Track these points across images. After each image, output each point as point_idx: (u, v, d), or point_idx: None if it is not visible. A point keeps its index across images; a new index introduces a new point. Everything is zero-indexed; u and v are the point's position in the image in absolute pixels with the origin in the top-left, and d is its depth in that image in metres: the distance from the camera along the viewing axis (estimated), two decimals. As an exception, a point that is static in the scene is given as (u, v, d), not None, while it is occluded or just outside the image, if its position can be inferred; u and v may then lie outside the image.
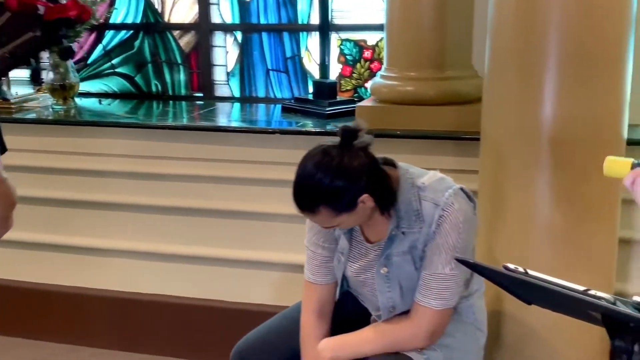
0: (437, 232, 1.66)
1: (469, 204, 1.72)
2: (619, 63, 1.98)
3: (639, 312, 1.12)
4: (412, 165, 1.78)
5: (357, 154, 1.63)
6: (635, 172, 1.39)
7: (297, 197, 1.67)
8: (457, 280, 1.70)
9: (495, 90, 2.09)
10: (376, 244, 1.76)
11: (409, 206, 1.68)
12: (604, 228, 2.06)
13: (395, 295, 1.74)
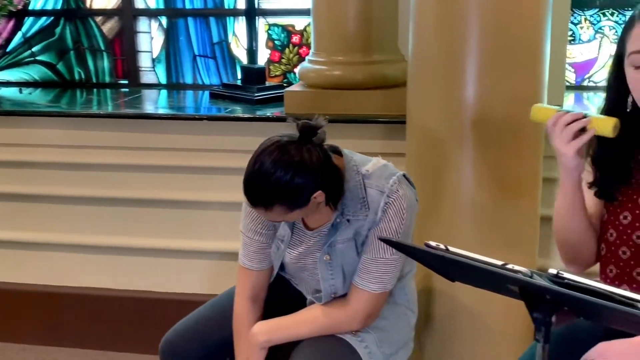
0: (382, 219, 1.67)
1: (412, 190, 1.74)
2: (536, 46, 2.03)
3: (555, 284, 1.15)
4: (355, 152, 1.77)
5: (314, 151, 1.60)
6: (558, 114, 1.45)
7: (251, 192, 1.61)
8: (397, 264, 1.72)
9: (419, 73, 2.12)
10: (316, 230, 1.75)
11: (355, 194, 1.68)
12: (526, 206, 2.12)
13: (338, 281, 1.75)
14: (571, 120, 1.44)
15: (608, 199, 1.54)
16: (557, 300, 1.17)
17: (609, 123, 1.43)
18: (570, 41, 2.99)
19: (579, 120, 1.43)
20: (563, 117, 1.45)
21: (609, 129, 1.43)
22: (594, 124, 1.44)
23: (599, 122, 1.44)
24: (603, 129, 1.44)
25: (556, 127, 1.45)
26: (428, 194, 2.13)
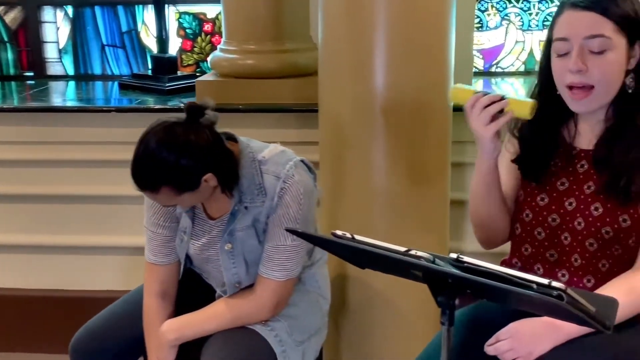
0: (278, 205, 1.66)
1: (310, 176, 1.74)
2: (443, 33, 2.06)
3: (456, 268, 1.18)
4: (253, 139, 1.76)
5: (202, 131, 1.58)
6: (476, 96, 1.47)
7: (137, 175, 1.59)
8: (299, 250, 1.72)
9: (328, 61, 2.12)
10: (219, 219, 1.74)
11: (251, 181, 1.67)
12: (436, 191, 2.16)
13: (241, 270, 1.74)
14: (489, 103, 1.46)
15: (534, 180, 1.58)
16: (458, 284, 1.20)
17: (526, 105, 1.45)
18: (477, 28, 3.06)
19: (497, 102, 1.45)
20: (481, 99, 1.46)
21: (526, 111, 1.45)
22: (511, 106, 1.45)
23: (517, 104, 1.46)
24: (521, 111, 1.46)
25: (474, 109, 1.47)
26: (340, 182, 2.15)
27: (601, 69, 1.41)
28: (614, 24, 1.41)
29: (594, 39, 1.40)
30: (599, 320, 1.20)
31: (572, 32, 1.42)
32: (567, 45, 1.43)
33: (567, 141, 1.55)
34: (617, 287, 1.42)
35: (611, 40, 1.41)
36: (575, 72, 1.42)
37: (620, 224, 1.46)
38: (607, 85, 1.44)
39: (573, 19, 1.43)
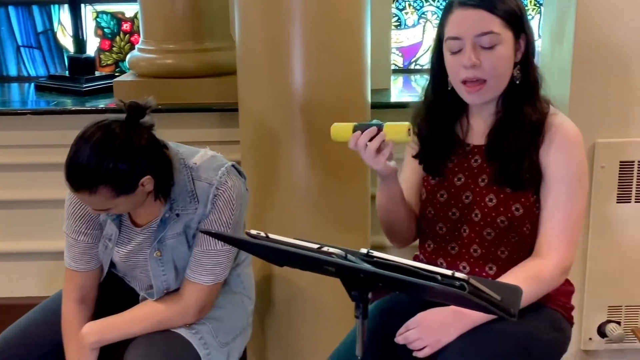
0: (211, 211, 1.65)
1: (241, 180, 1.74)
2: (358, 31, 2.10)
3: (367, 263, 1.21)
4: (181, 144, 1.74)
5: (142, 133, 1.55)
6: (354, 136, 1.52)
7: (73, 176, 1.52)
8: (229, 255, 1.71)
9: (246, 60, 2.13)
10: (145, 227, 1.71)
11: (183, 187, 1.65)
12: (357, 187, 2.19)
13: (171, 277, 1.72)
14: (368, 139, 1.51)
15: (435, 174, 1.64)
16: (370, 278, 1.23)
17: (403, 130, 1.51)
18: (396, 26, 3.12)
19: (376, 137, 1.50)
20: (360, 139, 1.52)
21: (404, 135, 1.51)
22: (389, 135, 1.51)
23: (394, 132, 1.51)
24: (399, 137, 1.51)
25: (358, 148, 1.53)
26: (263, 181, 2.15)
27: (492, 63, 1.48)
28: (501, 19, 1.48)
29: (485, 35, 1.47)
30: (504, 309, 1.25)
31: (463, 31, 1.49)
32: (460, 43, 1.49)
33: (461, 138, 1.62)
34: (518, 275, 1.49)
35: (500, 35, 1.48)
36: (469, 67, 1.48)
37: (514, 212, 1.53)
38: (499, 77, 1.51)
39: (463, 17, 1.49)
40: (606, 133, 2.16)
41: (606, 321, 2.28)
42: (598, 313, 2.28)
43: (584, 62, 2.12)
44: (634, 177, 2.16)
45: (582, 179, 1.55)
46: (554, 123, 1.54)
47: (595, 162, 2.16)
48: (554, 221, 1.53)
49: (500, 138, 1.55)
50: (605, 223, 2.20)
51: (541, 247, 1.54)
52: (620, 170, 2.16)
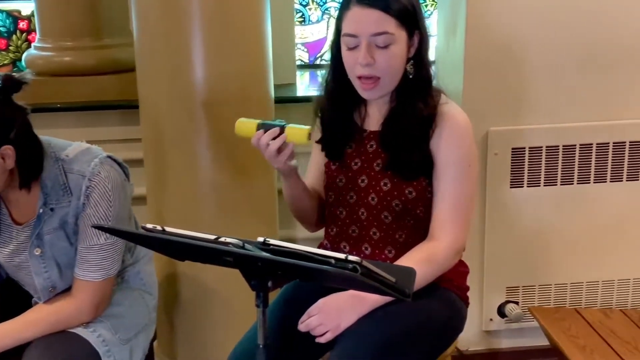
0: (87, 204, 1.62)
1: (118, 171, 1.70)
2: (258, 26, 2.11)
3: (264, 252, 1.23)
4: (54, 138, 1.70)
5: (13, 106, 1.54)
6: (257, 135, 1.56)
7: None
8: (116, 248, 1.68)
9: (145, 56, 2.10)
10: (25, 225, 1.67)
11: (55, 181, 1.62)
12: (262, 181, 2.21)
13: (54, 274, 1.68)
14: (270, 138, 1.55)
15: (334, 159, 1.68)
16: (268, 267, 1.25)
17: (303, 133, 1.56)
18: (300, 22, 3.15)
19: (277, 138, 1.55)
20: (262, 138, 1.56)
21: (304, 138, 1.56)
22: (290, 137, 1.56)
23: (295, 134, 1.56)
24: (299, 139, 1.56)
25: (260, 147, 1.57)
26: (166, 178, 2.14)
27: (387, 62, 1.53)
28: (396, 20, 1.52)
29: (380, 35, 1.52)
30: (398, 290, 1.30)
31: (359, 29, 1.53)
32: (356, 41, 1.54)
33: (359, 124, 1.67)
34: (413, 257, 1.55)
35: (394, 35, 1.53)
36: (364, 65, 1.53)
37: (407, 196, 1.59)
38: (392, 75, 1.56)
39: (360, 16, 1.53)
40: (498, 122, 2.25)
41: (505, 302, 2.38)
42: (497, 294, 2.38)
43: (475, 55, 2.21)
44: (525, 162, 2.27)
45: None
46: (445, 112, 1.61)
47: (489, 150, 2.26)
48: (445, 205, 1.59)
49: (393, 128, 1.61)
50: (500, 207, 2.31)
51: (434, 230, 1.60)
52: (512, 156, 2.26)
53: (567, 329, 2.16)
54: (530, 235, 2.34)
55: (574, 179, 2.29)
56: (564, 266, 2.37)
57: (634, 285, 2.39)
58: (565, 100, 2.26)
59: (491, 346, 2.46)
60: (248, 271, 1.28)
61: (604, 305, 2.39)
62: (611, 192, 2.30)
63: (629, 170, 2.29)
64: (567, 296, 2.38)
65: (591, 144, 2.27)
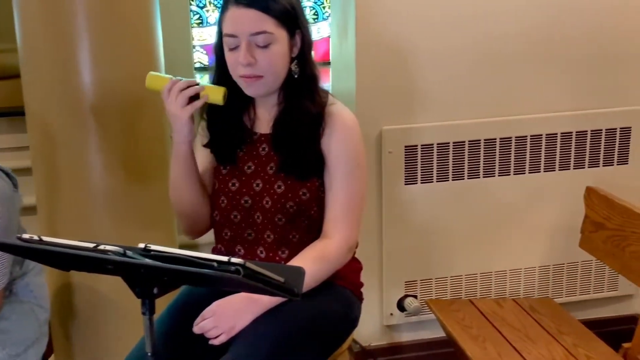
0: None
1: (6, 181, 1.65)
2: (147, 28, 2.08)
3: (147, 258, 1.21)
4: None
5: None
6: (174, 80, 1.56)
7: None
8: (2, 260, 1.62)
9: (30, 62, 2.03)
10: None
11: None
12: (157, 186, 2.16)
13: None
14: (186, 87, 1.55)
15: (225, 164, 1.67)
16: (151, 273, 1.23)
17: (219, 91, 1.58)
18: (198, 24, 3.13)
19: (193, 87, 1.56)
20: (178, 83, 1.57)
21: (219, 97, 1.58)
22: (206, 91, 1.58)
23: (211, 90, 1.59)
24: (214, 96, 1.58)
25: (171, 93, 1.57)
26: (56, 185, 2.07)
27: (267, 60, 1.54)
28: (275, 19, 1.54)
29: (259, 35, 1.52)
30: (287, 289, 1.31)
31: (238, 29, 1.53)
32: (236, 41, 1.54)
33: (249, 127, 1.67)
34: (306, 256, 1.57)
35: (274, 35, 1.54)
36: (245, 65, 1.53)
37: (301, 197, 1.61)
38: (275, 74, 1.58)
39: (238, 16, 1.53)
40: (391, 121, 2.31)
41: (404, 296, 2.44)
42: (396, 289, 2.44)
43: (366, 56, 2.25)
44: (418, 160, 2.33)
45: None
46: (333, 112, 1.63)
47: (383, 148, 2.31)
48: (337, 204, 1.62)
49: (283, 129, 1.62)
50: (396, 204, 2.36)
51: (327, 228, 1.62)
52: (405, 154, 2.32)
53: (461, 319, 2.23)
54: (426, 230, 2.41)
55: (465, 174, 2.37)
56: (459, 259, 2.45)
57: (525, 274, 2.50)
58: (455, 98, 2.34)
59: (392, 340, 2.51)
60: (132, 279, 1.26)
61: (498, 295, 2.48)
62: (500, 186, 2.40)
63: (515, 165, 2.39)
64: (463, 288, 2.47)
65: (479, 140, 2.35)
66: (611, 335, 2.22)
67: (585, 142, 2.41)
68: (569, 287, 2.53)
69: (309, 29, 1.65)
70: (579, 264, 2.51)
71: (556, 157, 2.41)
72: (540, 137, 2.38)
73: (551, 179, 2.42)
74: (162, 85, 1.60)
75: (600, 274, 2.54)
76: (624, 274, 2.11)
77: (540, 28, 2.33)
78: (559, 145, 2.40)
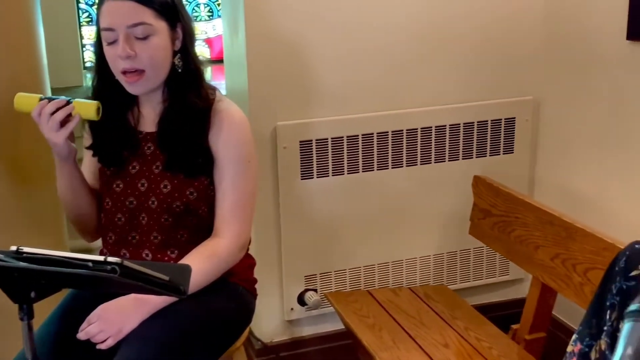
0: None
1: None
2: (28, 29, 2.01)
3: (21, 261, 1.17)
4: None
5: None
6: (41, 104, 1.49)
7: None
8: None
9: None
10: None
11: None
12: (45, 190, 2.09)
13: None
14: (55, 109, 1.48)
15: (110, 165, 1.63)
16: (26, 276, 1.19)
17: (91, 107, 1.52)
18: (88, 22, 3.04)
19: (63, 108, 1.49)
20: (46, 107, 1.50)
21: (92, 113, 1.52)
22: (77, 109, 1.51)
23: (83, 107, 1.52)
24: (87, 113, 1.52)
25: (42, 118, 1.50)
26: None
27: (148, 53, 1.52)
28: (153, 10, 1.52)
29: (137, 26, 1.50)
30: (173, 288, 1.30)
31: (116, 22, 1.50)
32: (114, 34, 1.51)
33: (133, 126, 1.64)
34: (196, 255, 1.56)
35: (153, 26, 1.52)
36: (125, 58, 1.50)
37: (189, 197, 1.59)
38: (157, 67, 1.55)
39: (114, 8, 1.51)
40: (285, 116, 2.32)
41: (304, 290, 2.46)
42: (296, 284, 2.45)
43: (258, 52, 2.25)
44: (313, 154, 2.35)
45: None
46: (220, 109, 1.62)
47: (279, 144, 2.32)
48: (227, 202, 1.61)
49: (169, 126, 1.60)
50: (293, 199, 2.38)
51: (217, 226, 1.61)
52: (301, 149, 2.33)
53: (358, 309, 2.27)
54: (324, 224, 2.43)
55: (359, 168, 2.41)
56: (357, 251, 2.49)
57: (421, 263, 2.57)
58: (348, 93, 2.37)
59: (294, 335, 2.53)
60: (6, 283, 1.21)
61: (395, 285, 2.54)
62: (393, 178, 2.46)
63: (407, 157, 2.46)
64: (362, 279, 2.51)
65: (372, 133, 2.40)
66: (504, 318, 2.32)
67: (473, 133, 2.51)
68: (462, 274, 2.63)
69: (190, 21, 1.63)
70: (471, 251, 2.60)
71: (446, 148, 2.49)
72: (430, 129, 2.46)
73: (442, 170, 2.50)
74: (31, 107, 1.52)
75: (492, 260, 2.64)
76: (510, 258, 2.20)
77: (430, 25, 2.40)
78: (448, 136, 2.48)
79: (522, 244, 2.07)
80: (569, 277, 1.86)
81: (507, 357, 1.96)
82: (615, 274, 0.99)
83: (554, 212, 1.96)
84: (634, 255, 0.99)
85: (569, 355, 1.03)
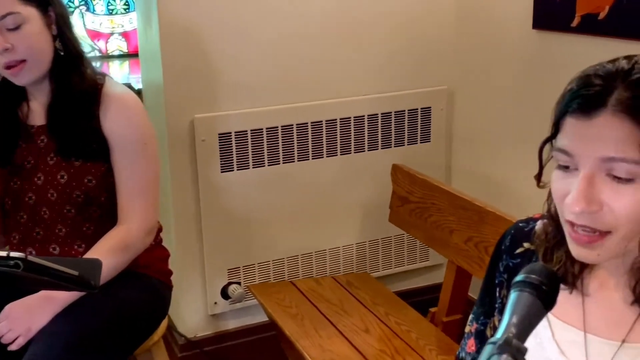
0: None
1: None
2: None
3: None
4: None
5: None
6: None
7: None
8: None
9: None
10: None
11: None
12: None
13: None
14: None
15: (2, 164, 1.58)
16: None
17: None
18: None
19: None
20: None
21: None
22: None
23: None
24: None
25: None
26: None
27: (24, 42, 1.49)
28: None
29: (5, 18, 1.47)
30: (83, 283, 1.28)
31: None
32: None
33: (24, 121, 1.60)
34: (103, 246, 1.54)
35: (21, 14, 1.49)
36: (2, 52, 1.47)
37: (87, 184, 1.57)
38: (37, 54, 1.53)
39: None
40: (203, 108, 2.30)
41: (228, 283, 2.45)
42: (219, 277, 2.44)
43: (171, 44, 2.23)
44: (233, 147, 2.35)
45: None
46: (111, 92, 1.60)
47: (197, 137, 2.30)
48: (128, 187, 1.59)
49: (57, 113, 1.57)
50: (213, 192, 2.37)
51: (121, 214, 1.59)
52: (220, 142, 2.32)
53: (281, 300, 2.28)
54: (246, 216, 2.43)
55: (280, 159, 2.42)
56: (279, 242, 2.50)
57: (344, 252, 2.61)
58: (266, 85, 2.37)
59: (218, 329, 2.52)
60: None
61: (319, 274, 2.57)
62: (314, 169, 2.48)
63: (327, 147, 2.48)
64: (285, 270, 2.52)
65: (292, 124, 2.41)
66: (425, 302, 2.37)
67: (391, 122, 2.55)
68: (384, 261, 2.67)
69: (61, 4, 1.60)
70: (392, 238, 2.65)
71: (365, 139, 2.53)
72: (349, 119, 2.49)
73: (362, 159, 2.54)
74: None
75: (412, 247, 2.70)
76: (428, 243, 2.26)
77: (346, 17, 2.43)
78: (367, 126, 2.52)
79: (438, 229, 2.12)
80: (482, 260, 1.92)
81: (426, 339, 2.01)
82: (502, 252, 1.03)
83: (466, 196, 2.02)
84: (518, 234, 1.03)
85: (467, 336, 1.07)
